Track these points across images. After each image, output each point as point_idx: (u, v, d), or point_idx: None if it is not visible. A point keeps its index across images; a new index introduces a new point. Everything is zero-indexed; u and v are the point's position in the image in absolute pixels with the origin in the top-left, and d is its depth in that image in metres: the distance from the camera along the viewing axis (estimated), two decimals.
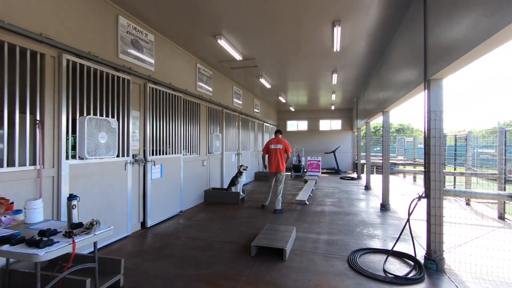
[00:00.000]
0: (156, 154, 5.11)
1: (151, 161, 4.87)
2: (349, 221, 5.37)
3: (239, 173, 7.26)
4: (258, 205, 6.76)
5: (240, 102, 10.01)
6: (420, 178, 11.08)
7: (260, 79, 8.58)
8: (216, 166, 7.96)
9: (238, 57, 6.32)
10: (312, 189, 8.59)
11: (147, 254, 3.72)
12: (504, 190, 5.54)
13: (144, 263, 3.45)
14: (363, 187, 9.61)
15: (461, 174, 5.97)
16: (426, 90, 3.48)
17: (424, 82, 3.49)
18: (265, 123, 13.52)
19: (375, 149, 16.48)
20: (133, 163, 4.49)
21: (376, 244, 4.18)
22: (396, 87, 5.33)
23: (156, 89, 5.11)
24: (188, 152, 6.43)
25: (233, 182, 7.24)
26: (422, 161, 11.13)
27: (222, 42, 5.44)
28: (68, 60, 3.42)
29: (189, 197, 6.40)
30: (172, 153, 5.62)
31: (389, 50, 5.87)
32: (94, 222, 2.23)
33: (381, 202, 6.57)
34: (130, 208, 4.43)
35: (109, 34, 4.13)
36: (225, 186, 8.26)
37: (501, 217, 5.70)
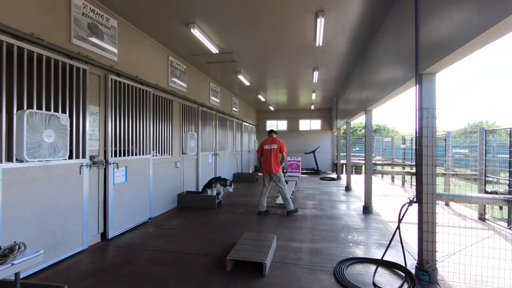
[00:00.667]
0: (120, 155, 4.52)
1: (113, 163, 4.28)
2: (332, 226, 5.07)
3: (222, 183, 6.83)
4: (236, 209, 6.32)
5: (218, 100, 9.51)
6: (399, 179, 11.15)
7: (239, 76, 8.14)
8: (191, 168, 7.42)
9: (214, 50, 5.85)
10: (293, 191, 8.28)
11: (103, 273, 3.16)
12: (485, 191, 5.49)
13: (99, 286, 2.90)
14: (344, 188, 9.44)
15: (443, 174, 5.88)
16: (417, 86, 3.21)
17: (415, 77, 3.22)
18: (244, 123, 13.08)
19: (354, 149, 16.56)
20: (90, 166, 3.89)
21: (362, 251, 3.88)
22: (380, 85, 5.09)
23: (120, 82, 4.53)
24: (159, 152, 5.86)
25: (210, 184, 6.76)
26: (400, 161, 11.21)
27: (196, 32, 4.95)
28: (1, 41, 2.80)
29: (159, 202, 5.83)
30: (140, 154, 5.04)
31: (372, 47, 5.64)
32: (16, 247, 1.69)
33: (363, 204, 6.35)
34: (87, 218, 3.82)
35: (60, 15, 3.52)
36: (201, 188, 7.74)
37: (481, 218, 5.65)
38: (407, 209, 3.22)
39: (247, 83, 9.00)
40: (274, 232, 4.65)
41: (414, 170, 8.56)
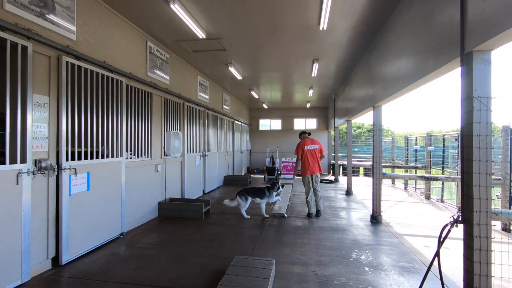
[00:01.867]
0: (81, 159, 3.62)
1: (69, 168, 3.38)
2: (339, 242, 4.28)
3: (273, 187, 5.86)
4: (226, 219, 5.47)
5: (207, 96, 8.64)
6: (401, 182, 10.46)
7: (230, 68, 7.29)
8: (175, 171, 6.54)
9: (200, 34, 4.99)
10: (290, 196, 7.48)
11: None
12: (510, 198, 4.80)
13: None
14: (344, 192, 8.70)
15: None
16: (462, 69, 2.43)
17: (460, 56, 2.44)
18: (236, 121, 12.23)
19: (354, 150, 15.86)
20: (34, 173, 2.99)
21: (383, 280, 3.09)
22: (395, 76, 4.33)
23: (80, 67, 3.63)
24: (135, 154, 4.97)
25: (262, 191, 5.67)
26: (402, 163, 10.53)
27: (177, 8, 4.08)
28: None
29: (135, 213, 4.95)
30: (109, 157, 4.15)
31: (385, 32, 4.88)
32: None
33: (371, 213, 5.60)
34: (28, 241, 2.92)
35: None
36: (187, 195, 6.87)
37: (505, 229, 4.96)
38: (449, 230, 2.44)
39: (239, 77, 8.15)
40: (272, 251, 3.83)
41: (424, 174, 7.83)
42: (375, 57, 5.42)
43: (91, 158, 3.79)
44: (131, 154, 4.85)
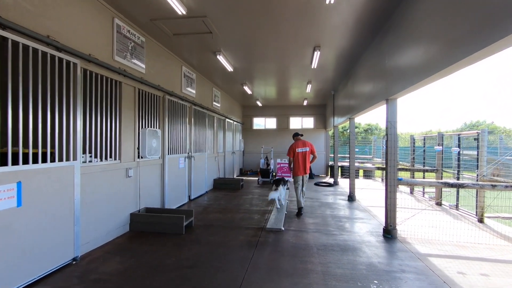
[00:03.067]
0: (6, 164, 2.66)
1: None
2: (352, 267, 3.39)
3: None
4: (212, 234, 4.55)
5: (194, 91, 7.69)
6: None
7: (219, 57, 6.36)
8: (153, 176, 5.58)
9: (179, 8, 4.06)
10: (286, 203, 6.59)
11: None
12: None
13: None
14: (346, 197, 7.85)
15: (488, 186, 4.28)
16: None
17: None
18: (227, 119, 11.29)
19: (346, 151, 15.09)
20: None
21: None
22: (421, 61, 3.47)
23: (5, 39, 2.66)
24: (97, 156, 4.01)
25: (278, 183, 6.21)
26: (407, 165, 9.73)
27: None
28: None
29: (97, 230, 3.98)
30: (55, 160, 3.19)
31: (406, 9, 4.02)
32: None
33: (383, 225, 4.74)
34: None
35: None
36: (167, 203, 5.92)
37: None
38: None
39: (229, 68, 7.22)
40: (267, 285, 2.93)
41: (449, 180, 6.91)
42: (391, 40, 4.55)
43: (25, 162, 2.83)
44: (91, 156, 3.89)
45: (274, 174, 11.70)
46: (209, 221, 5.39)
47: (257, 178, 11.28)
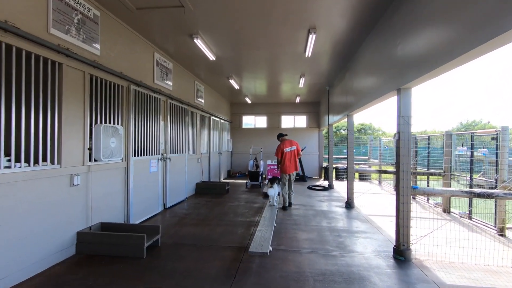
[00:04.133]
0: None
1: None
2: None
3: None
4: (182, 258, 3.57)
5: (170, 83, 6.68)
6: None
7: (197, 41, 5.38)
8: (113, 183, 4.57)
9: None
10: (276, 211, 5.66)
11: None
12: None
13: None
14: (343, 204, 6.99)
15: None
16: None
17: None
18: (213, 117, 10.29)
19: (343, 151, 14.30)
20: None
21: None
22: (447, 40, 2.59)
23: None
24: (23, 160, 2.99)
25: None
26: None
27: None
28: None
29: (22, 259, 2.96)
30: None
31: None
32: None
33: (394, 245, 3.86)
34: None
35: None
36: (133, 216, 4.92)
37: None
38: None
39: (211, 56, 6.25)
40: None
41: (481, 189, 6.04)
42: (404, 16, 3.66)
43: None
44: (9, 160, 2.87)
45: (264, 176, 10.79)
46: (182, 237, 4.42)
47: (245, 182, 10.32)
